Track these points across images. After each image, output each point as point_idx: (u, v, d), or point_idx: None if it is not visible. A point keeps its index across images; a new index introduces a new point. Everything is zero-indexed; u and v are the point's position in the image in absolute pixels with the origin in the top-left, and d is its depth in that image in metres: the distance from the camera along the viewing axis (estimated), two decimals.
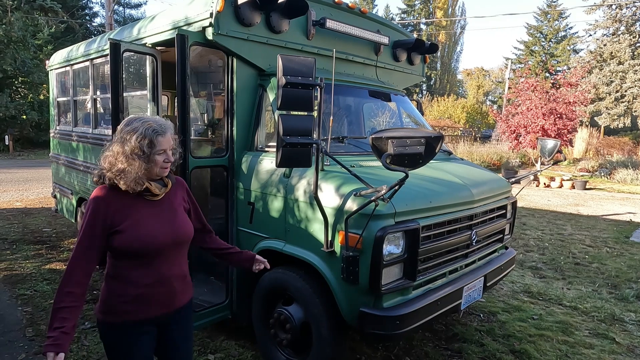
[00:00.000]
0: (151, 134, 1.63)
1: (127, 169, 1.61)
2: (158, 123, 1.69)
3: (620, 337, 3.55)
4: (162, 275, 1.72)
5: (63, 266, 4.87)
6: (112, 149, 1.64)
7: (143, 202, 1.70)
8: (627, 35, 23.55)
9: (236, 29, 2.89)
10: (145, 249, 1.66)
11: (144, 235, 1.66)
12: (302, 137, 2.20)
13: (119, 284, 1.69)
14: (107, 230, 1.63)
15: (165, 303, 1.77)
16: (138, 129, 1.63)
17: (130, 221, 1.65)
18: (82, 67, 4.72)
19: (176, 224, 1.77)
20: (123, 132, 1.64)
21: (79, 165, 4.84)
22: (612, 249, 6.33)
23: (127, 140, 1.62)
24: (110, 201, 1.64)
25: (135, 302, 1.69)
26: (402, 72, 4.28)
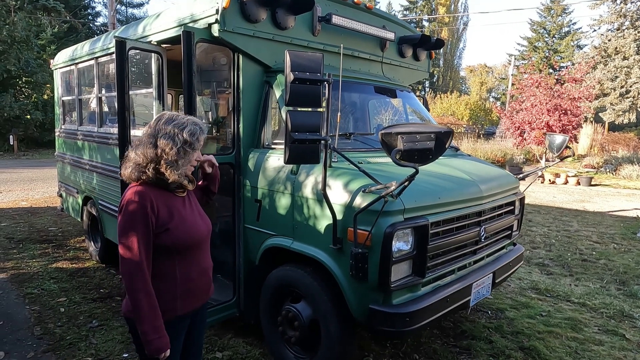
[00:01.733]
0: (198, 131, 1.72)
1: (180, 162, 1.67)
2: (199, 123, 1.77)
3: (630, 334, 3.52)
4: (203, 266, 1.81)
5: (70, 265, 4.89)
6: (159, 143, 1.66)
7: (175, 198, 1.76)
8: (631, 30, 23.35)
9: (242, 26, 2.88)
10: (192, 243, 1.73)
11: (191, 230, 1.72)
12: (311, 133, 2.19)
13: (164, 283, 1.69)
14: (156, 229, 1.65)
15: (205, 294, 1.86)
16: (187, 125, 1.70)
17: (177, 218, 1.70)
18: (86, 66, 4.72)
19: (204, 216, 1.86)
20: (170, 127, 1.68)
21: (85, 164, 4.84)
22: (620, 245, 6.29)
23: (177, 135, 1.67)
24: (153, 198, 1.66)
25: (182, 297, 1.73)
26: (407, 68, 4.25)
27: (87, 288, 4.24)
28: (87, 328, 3.43)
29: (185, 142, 1.68)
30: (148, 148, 1.67)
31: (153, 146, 1.67)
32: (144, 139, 1.70)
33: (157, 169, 1.66)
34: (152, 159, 1.66)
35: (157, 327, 1.61)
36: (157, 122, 1.72)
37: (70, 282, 4.37)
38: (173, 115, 1.74)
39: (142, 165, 1.66)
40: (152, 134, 1.69)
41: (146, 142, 1.69)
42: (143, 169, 1.66)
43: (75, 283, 4.35)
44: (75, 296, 4.02)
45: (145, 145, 1.68)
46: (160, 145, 1.66)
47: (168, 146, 1.65)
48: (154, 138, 1.68)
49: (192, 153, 1.72)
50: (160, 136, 1.68)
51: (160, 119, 1.73)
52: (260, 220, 2.99)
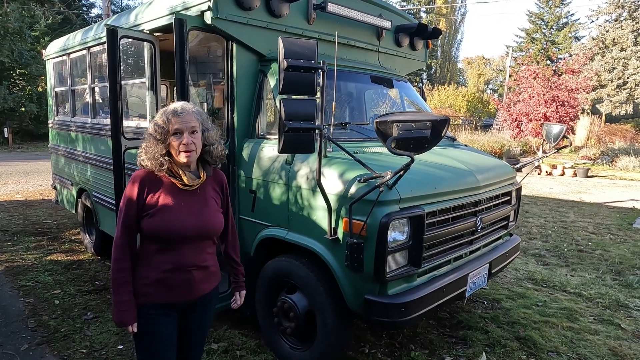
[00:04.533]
0: (169, 112, 1.71)
1: (148, 147, 1.71)
2: (180, 105, 1.76)
3: (625, 323, 3.53)
4: (182, 263, 1.76)
5: (65, 257, 4.86)
6: (152, 126, 1.74)
7: (177, 190, 1.75)
8: (629, 21, 23.27)
9: (235, 13, 2.82)
10: (170, 235, 1.71)
11: (170, 221, 1.70)
12: (305, 122, 2.16)
13: (143, 267, 1.76)
14: (140, 212, 1.71)
15: (185, 290, 1.79)
16: (163, 111, 1.74)
17: (161, 207, 1.71)
18: (79, 56, 4.65)
19: (205, 216, 1.80)
20: (160, 114, 1.74)
21: (79, 155, 4.79)
22: (616, 236, 6.30)
23: (153, 121, 1.74)
24: (146, 184, 1.72)
25: (154, 285, 1.74)
26: (404, 57, 4.21)
27: (82, 280, 4.21)
28: (82, 320, 3.41)
29: (157, 125, 1.70)
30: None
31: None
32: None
33: (140, 157, 1.76)
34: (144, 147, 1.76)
35: (123, 302, 1.70)
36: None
37: (65, 274, 4.35)
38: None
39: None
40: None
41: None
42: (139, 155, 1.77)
43: (70, 275, 4.32)
44: (70, 288, 4.00)
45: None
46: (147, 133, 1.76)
47: (147, 134, 1.73)
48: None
49: (169, 137, 1.70)
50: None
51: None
52: (255, 211, 2.96)
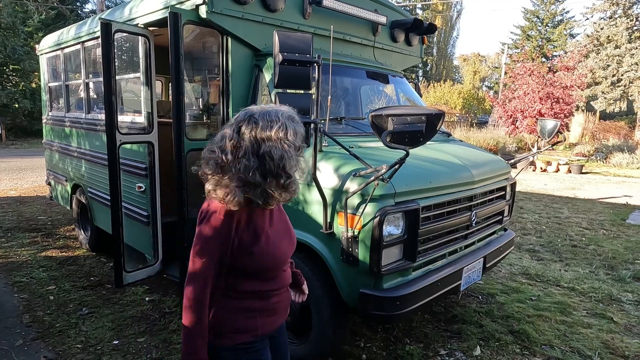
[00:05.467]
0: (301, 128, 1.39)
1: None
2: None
3: (617, 317, 3.57)
4: (284, 284, 1.56)
5: (59, 253, 4.84)
6: (279, 153, 1.30)
7: (261, 211, 1.44)
8: (624, 18, 23.36)
9: (230, 7, 2.81)
10: (275, 266, 1.48)
11: (275, 252, 1.46)
12: (300, 116, 2.15)
13: (243, 301, 1.46)
14: (236, 252, 1.39)
15: (286, 310, 1.62)
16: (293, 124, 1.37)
17: (263, 239, 1.42)
18: (73, 51, 4.61)
19: (291, 231, 1.60)
20: (279, 127, 1.30)
21: (73, 151, 4.76)
22: (609, 231, 6.36)
23: (287, 137, 1.32)
24: (239, 216, 1.38)
25: (261, 315, 1.49)
26: (400, 53, 4.21)
27: (77, 276, 4.20)
28: (77, 316, 3.41)
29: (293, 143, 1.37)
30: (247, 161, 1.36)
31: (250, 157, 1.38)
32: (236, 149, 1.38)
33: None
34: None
35: (197, 348, 1.39)
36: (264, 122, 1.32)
37: (59, 270, 4.33)
38: (269, 111, 1.37)
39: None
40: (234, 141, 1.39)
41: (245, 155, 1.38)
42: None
43: (65, 271, 4.31)
44: (65, 284, 3.99)
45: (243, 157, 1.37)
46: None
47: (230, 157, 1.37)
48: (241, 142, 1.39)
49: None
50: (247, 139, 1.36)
51: (267, 118, 1.33)
52: None
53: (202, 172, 1.37)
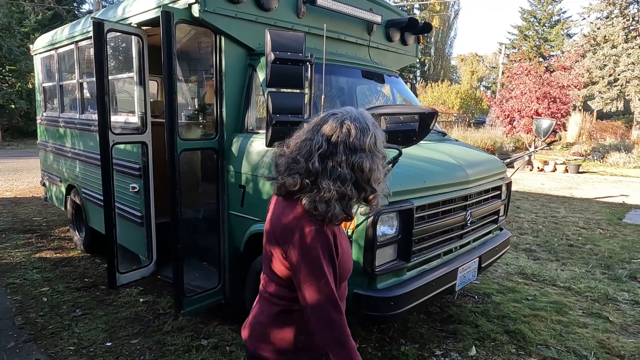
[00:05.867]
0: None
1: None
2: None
3: (613, 316, 3.57)
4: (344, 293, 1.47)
5: (54, 254, 4.80)
6: (369, 165, 1.20)
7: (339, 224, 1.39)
8: (620, 18, 23.42)
9: (224, 6, 2.79)
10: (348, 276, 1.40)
11: (349, 262, 1.39)
12: (293, 115, 2.14)
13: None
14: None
15: None
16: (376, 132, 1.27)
17: (346, 253, 1.37)
18: (67, 51, 4.58)
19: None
20: (371, 136, 1.21)
21: (67, 152, 4.74)
22: (605, 231, 6.36)
23: (377, 147, 1.24)
24: (332, 230, 1.29)
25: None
26: (395, 52, 4.20)
27: (71, 277, 4.17)
28: (70, 317, 3.38)
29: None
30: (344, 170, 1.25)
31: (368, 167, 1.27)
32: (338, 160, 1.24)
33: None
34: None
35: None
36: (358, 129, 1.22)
37: (53, 271, 4.30)
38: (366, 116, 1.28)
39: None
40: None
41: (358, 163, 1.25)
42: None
43: (59, 272, 4.28)
44: (59, 285, 3.96)
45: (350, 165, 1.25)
46: (371, 165, 1.25)
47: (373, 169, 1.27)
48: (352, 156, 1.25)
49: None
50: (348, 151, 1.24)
51: (365, 124, 1.23)
52: (245, 206, 2.94)
53: (282, 183, 1.25)
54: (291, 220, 1.24)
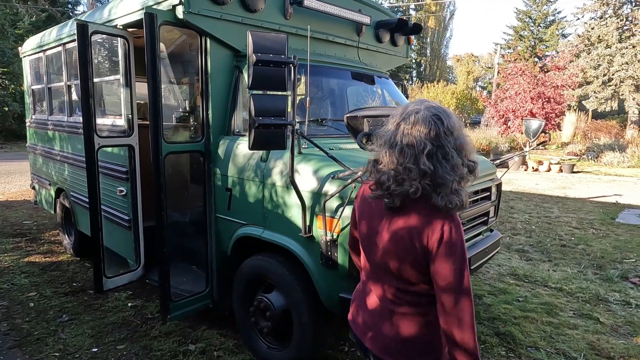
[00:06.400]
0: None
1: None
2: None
3: (604, 317, 3.55)
4: None
5: (43, 259, 4.76)
6: (461, 141, 1.27)
7: None
8: (614, 18, 23.47)
9: (208, 7, 2.77)
10: None
11: None
12: (276, 117, 2.11)
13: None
14: None
15: None
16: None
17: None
18: (54, 53, 4.54)
19: None
20: (447, 114, 1.28)
21: (56, 154, 4.69)
22: (598, 231, 6.36)
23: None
24: None
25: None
26: (385, 53, 4.18)
27: (60, 282, 4.13)
28: (57, 323, 3.34)
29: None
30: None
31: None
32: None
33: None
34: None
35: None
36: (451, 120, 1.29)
37: (42, 276, 4.26)
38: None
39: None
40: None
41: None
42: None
43: (47, 277, 4.24)
44: (46, 290, 3.92)
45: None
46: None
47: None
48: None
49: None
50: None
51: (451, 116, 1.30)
52: (231, 209, 2.91)
53: (399, 194, 1.25)
54: (419, 227, 1.27)
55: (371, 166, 1.33)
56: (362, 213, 1.45)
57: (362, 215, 1.44)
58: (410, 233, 1.28)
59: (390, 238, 1.32)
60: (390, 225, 1.33)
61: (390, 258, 1.34)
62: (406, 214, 1.29)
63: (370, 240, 1.40)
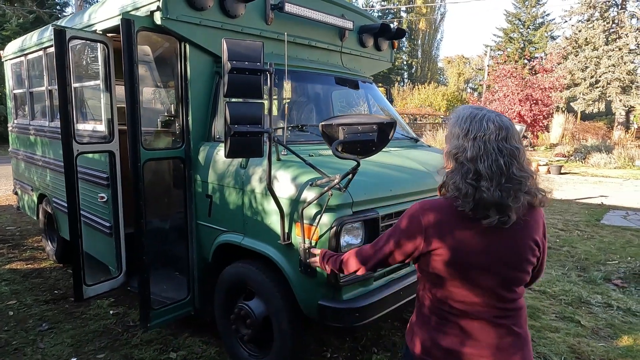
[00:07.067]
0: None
1: None
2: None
3: (585, 320, 3.58)
4: None
5: (25, 265, 4.69)
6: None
7: None
8: (601, 21, 23.81)
9: (187, 13, 2.75)
10: None
11: None
12: (252, 125, 2.10)
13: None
14: None
15: None
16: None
17: None
18: (36, 57, 4.49)
19: None
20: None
21: (38, 160, 4.63)
22: (583, 232, 6.43)
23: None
24: None
25: None
26: (369, 58, 4.18)
27: (41, 289, 4.07)
28: (36, 332, 3.29)
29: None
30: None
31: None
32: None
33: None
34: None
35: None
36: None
37: (23, 283, 4.19)
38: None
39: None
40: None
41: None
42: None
43: (29, 284, 4.17)
44: (27, 298, 3.86)
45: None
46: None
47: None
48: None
49: None
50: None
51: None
52: (212, 216, 2.89)
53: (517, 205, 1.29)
54: (535, 223, 1.39)
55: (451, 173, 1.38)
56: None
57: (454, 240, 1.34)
58: (536, 233, 1.38)
59: (506, 252, 1.33)
60: (494, 240, 1.32)
61: (509, 271, 1.33)
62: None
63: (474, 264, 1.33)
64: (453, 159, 1.32)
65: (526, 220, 1.32)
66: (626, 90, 23.32)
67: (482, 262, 1.31)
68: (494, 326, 1.34)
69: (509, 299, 1.35)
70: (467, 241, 1.31)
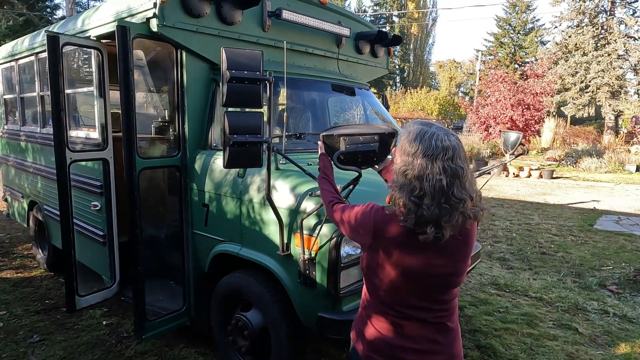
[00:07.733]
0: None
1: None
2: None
3: (582, 327, 3.59)
4: None
5: (14, 274, 4.60)
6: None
7: None
8: (590, 27, 24.14)
9: (184, 20, 2.71)
10: None
11: None
12: (251, 135, 2.07)
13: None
14: None
15: None
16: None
17: None
18: (27, 62, 4.41)
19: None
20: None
21: (29, 166, 4.55)
22: (577, 237, 6.46)
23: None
24: None
25: None
26: (365, 64, 4.18)
27: (31, 299, 3.98)
28: (27, 344, 3.21)
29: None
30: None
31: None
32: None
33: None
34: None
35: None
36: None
37: (12, 293, 4.10)
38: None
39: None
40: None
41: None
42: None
43: (19, 294, 4.08)
44: (17, 309, 3.77)
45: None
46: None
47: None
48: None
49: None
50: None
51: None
52: (208, 225, 2.85)
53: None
54: (470, 233, 1.43)
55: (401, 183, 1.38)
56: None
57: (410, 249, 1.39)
58: (467, 245, 1.42)
59: (448, 259, 1.39)
60: (454, 249, 1.40)
61: (446, 278, 1.40)
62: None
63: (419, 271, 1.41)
64: (402, 176, 1.33)
65: (462, 233, 1.37)
66: (615, 95, 23.65)
67: (420, 271, 1.37)
68: (430, 324, 1.43)
69: (445, 300, 1.43)
70: (408, 252, 1.37)
